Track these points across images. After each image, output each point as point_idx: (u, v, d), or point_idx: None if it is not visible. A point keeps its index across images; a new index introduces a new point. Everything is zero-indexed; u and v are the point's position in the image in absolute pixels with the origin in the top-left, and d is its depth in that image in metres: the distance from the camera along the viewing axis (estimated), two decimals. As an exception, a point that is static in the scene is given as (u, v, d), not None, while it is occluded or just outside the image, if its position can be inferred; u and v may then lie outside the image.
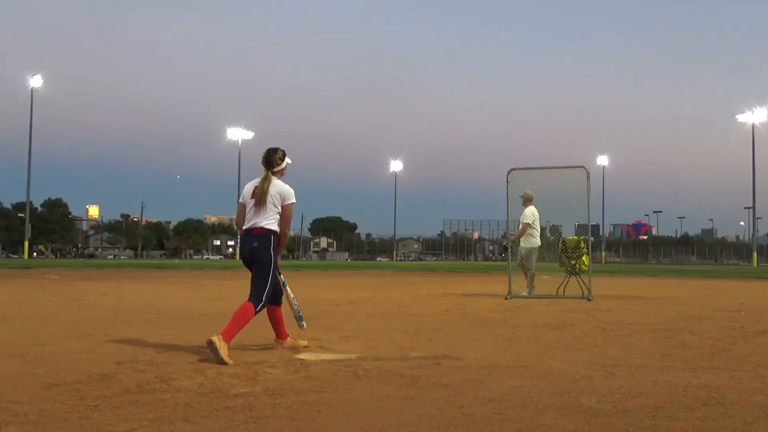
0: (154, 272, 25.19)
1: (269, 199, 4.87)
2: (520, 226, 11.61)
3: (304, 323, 5.15)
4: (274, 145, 5.09)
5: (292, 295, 5.11)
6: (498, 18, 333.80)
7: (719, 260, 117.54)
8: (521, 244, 11.50)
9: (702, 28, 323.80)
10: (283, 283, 5.05)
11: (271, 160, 4.99)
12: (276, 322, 5.08)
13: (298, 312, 5.10)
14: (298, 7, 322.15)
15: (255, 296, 4.77)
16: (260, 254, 4.83)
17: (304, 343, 5.18)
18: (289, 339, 5.13)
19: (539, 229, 11.65)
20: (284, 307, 5.13)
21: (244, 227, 4.96)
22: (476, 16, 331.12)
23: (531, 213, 11.51)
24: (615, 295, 12.21)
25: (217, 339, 4.42)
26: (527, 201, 11.58)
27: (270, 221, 4.88)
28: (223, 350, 4.39)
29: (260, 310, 4.78)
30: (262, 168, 5.02)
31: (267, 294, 4.80)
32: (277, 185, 4.94)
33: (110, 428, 2.82)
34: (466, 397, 3.43)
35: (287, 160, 5.09)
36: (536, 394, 3.52)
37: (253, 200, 4.90)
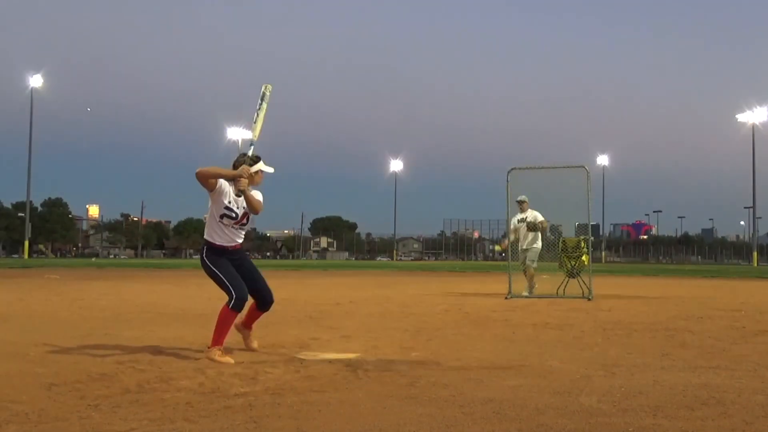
0: (154, 272, 25.17)
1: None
2: (544, 224, 11.62)
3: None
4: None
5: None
6: (498, 17, 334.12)
7: (719, 260, 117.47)
8: (538, 244, 11.51)
9: (702, 28, 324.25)
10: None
11: (235, 163, 4.74)
12: (249, 316, 4.99)
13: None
14: (298, 5, 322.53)
15: (227, 297, 4.65)
16: (203, 267, 4.78)
17: (254, 344, 5.04)
18: (246, 331, 5.03)
19: None
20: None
21: None
22: (477, 16, 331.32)
23: None
24: (615, 294, 12.21)
25: (207, 352, 4.51)
26: (527, 204, 11.61)
27: (206, 229, 4.77)
28: (217, 356, 4.43)
29: (234, 305, 4.55)
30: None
31: (233, 290, 4.57)
32: None
33: (110, 428, 2.83)
34: (466, 397, 3.43)
35: (259, 167, 4.81)
36: (536, 393, 3.52)
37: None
